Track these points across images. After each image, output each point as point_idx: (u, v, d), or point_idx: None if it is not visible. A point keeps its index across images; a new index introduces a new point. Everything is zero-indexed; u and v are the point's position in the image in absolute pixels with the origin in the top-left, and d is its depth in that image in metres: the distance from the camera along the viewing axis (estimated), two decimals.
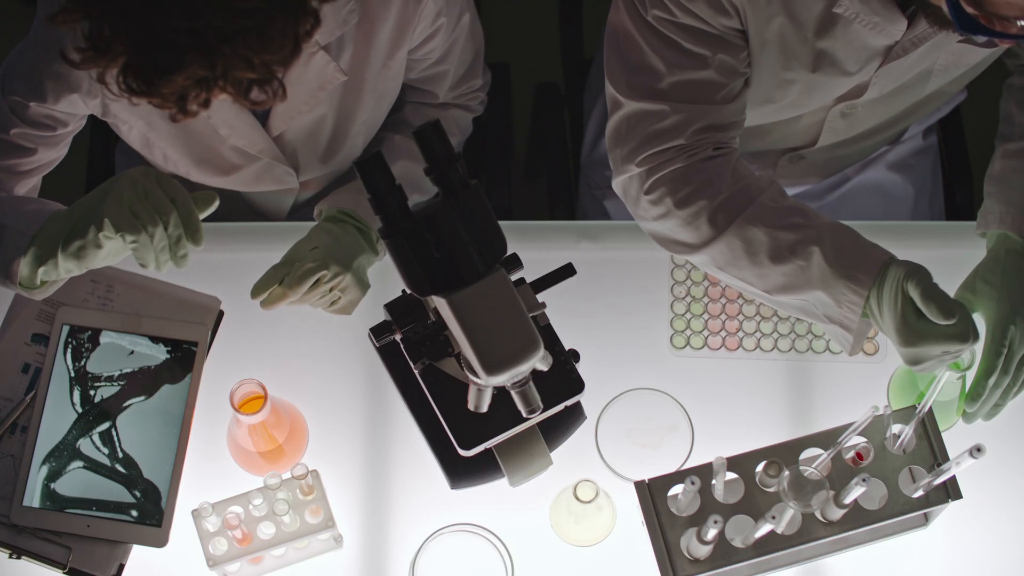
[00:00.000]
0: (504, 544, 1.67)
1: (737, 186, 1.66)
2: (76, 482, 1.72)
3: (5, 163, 1.69)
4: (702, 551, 1.53)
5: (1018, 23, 1.38)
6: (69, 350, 1.77)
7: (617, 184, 1.73)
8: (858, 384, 1.78)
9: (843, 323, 1.61)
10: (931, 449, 1.58)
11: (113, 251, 1.54)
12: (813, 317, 1.66)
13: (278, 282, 1.66)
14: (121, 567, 1.70)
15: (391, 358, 1.66)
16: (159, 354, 1.79)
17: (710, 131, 1.67)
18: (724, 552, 1.54)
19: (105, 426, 1.74)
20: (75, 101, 1.67)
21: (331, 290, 1.70)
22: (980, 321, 1.69)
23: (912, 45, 1.64)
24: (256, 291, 1.67)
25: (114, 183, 1.51)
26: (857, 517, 1.56)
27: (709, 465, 1.56)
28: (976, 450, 1.40)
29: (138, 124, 1.76)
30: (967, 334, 1.51)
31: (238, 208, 2.01)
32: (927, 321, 1.52)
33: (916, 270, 1.54)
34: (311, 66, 1.69)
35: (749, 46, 1.67)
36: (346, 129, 1.83)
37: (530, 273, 1.54)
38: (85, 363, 1.77)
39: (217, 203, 1.53)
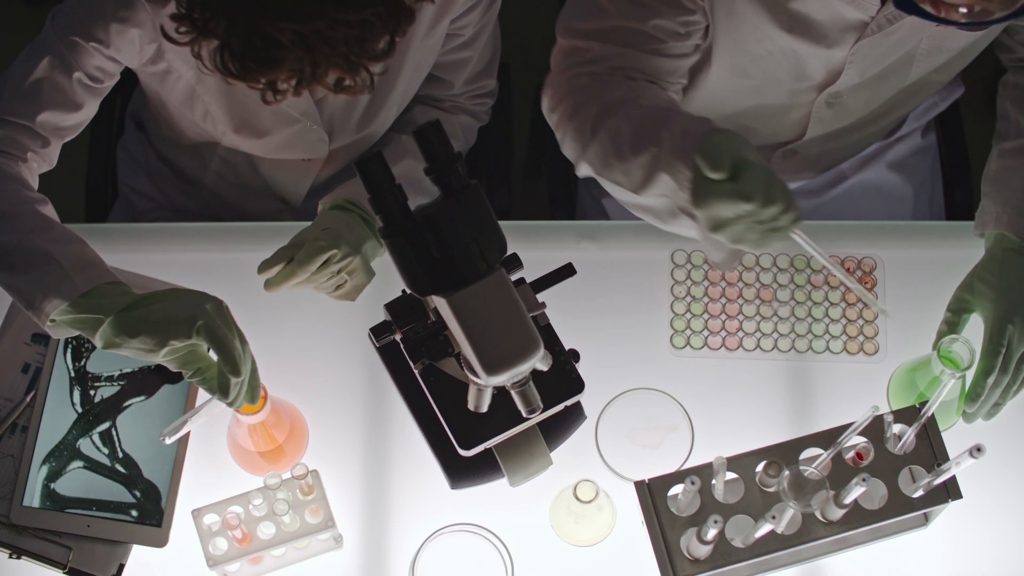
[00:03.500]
0: (504, 544, 1.67)
1: (629, 93, 1.68)
2: (76, 482, 1.72)
3: (56, 117, 1.66)
4: (702, 551, 1.53)
5: (959, 10, 1.38)
6: (69, 350, 1.77)
7: (544, 107, 1.77)
8: (858, 384, 1.78)
9: (687, 209, 1.56)
10: (931, 449, 1.58)
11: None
12: (679, 222, 1.61)
13: (286, 261, 1.66)
14: (121, 567, 1.70)
15: (391, 358, 1.66)
16: None
17: (633, 72, 1.71)
18: (724, 552, 1.54)
19: (105, 426, 1.74)
20: (133, 42, 1.65)
21: (339, 272, 1.69)
22: (978, 321, 1.69)
23: (887, 22, 1.64)
24: (263, 268, 1.66)
25: (197, 304, 1.50)
26: (857, 517, 1.56)
27: (709, 465, 1.56)
28: (976, 450, 1.40)
29: (188, 74, 1.75)
30: (751, 192, 1.45)
31: (256, 189, 2.01)
32: (710, 179, 1.49)
33: (721, 132, 1.51)
34: None
35: (713, 18, 1.69)
36: (384, 96, 1.84)
37: (530, 273, 1.54)
38: (85, 363, 1.77)
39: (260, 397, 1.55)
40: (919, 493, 1.56)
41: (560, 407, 1.58)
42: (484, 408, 1.51)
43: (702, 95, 1.92)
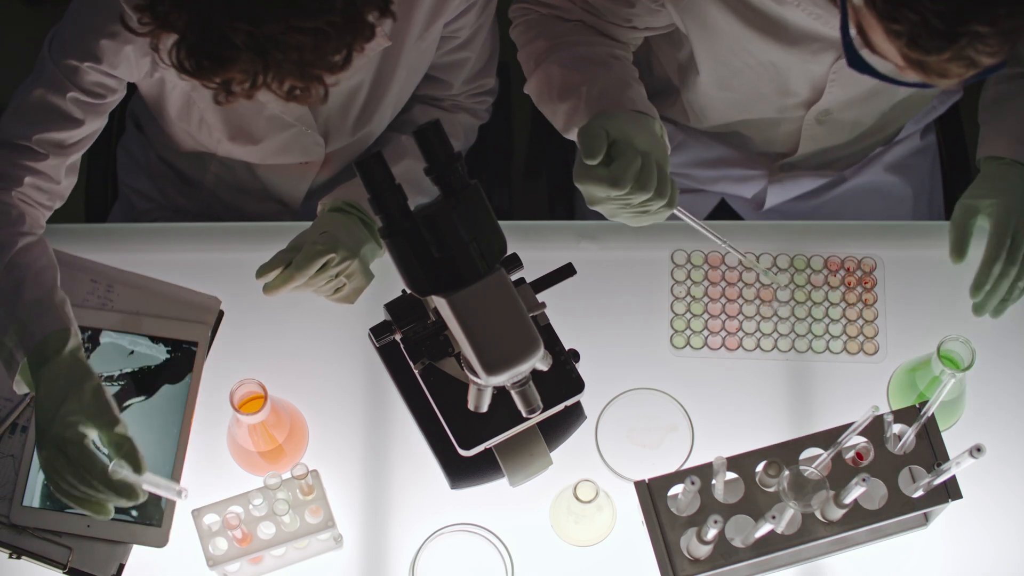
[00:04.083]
0: (504, 544, 1.67)
1: (570, 37, 1.74)
2: None
3: (55, 136, 1.69)
4: (702, 551, 1.53)
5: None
6: None
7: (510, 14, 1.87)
8: (858, 384, 1.78)
9: None
10: (931, 449, 1.58)
11: None
12: None
13: (284, 265, 1.66)
14: (121, 567, 1.70)
15: (391, 358, 1.66)
16: (159, 354, 1.79)
17: (578, 23, 1.77)
18: (724, 552, 1.54)
19: None
20: (128, 58, 1.66)
21: (337, 275, 1.70)
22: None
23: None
24: (261, 272, 1.67)
25: (50, 445, 1.55)
26: (857, 517, 1.56)
27: (709, 465, 1.56)
28: (976, 450, 1.40)
29: (182, 84, 1.76)
30: (621, 180, 1.51)
31: (255, 191, 2.01)
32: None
33: (609, 115, 1.57)
34: None
35: (687, 29, 1.74)
36: (379, 98, 1.84)
37: (530, 273, 1.54)
38: None
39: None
40: (919, 493, 1.56)
41: (560, 407, 1.58)
42: (484, 408, 1.51)
43: (694, 101, 1.93)
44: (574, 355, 1.61)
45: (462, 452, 1.57)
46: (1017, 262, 1.71)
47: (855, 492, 1.45)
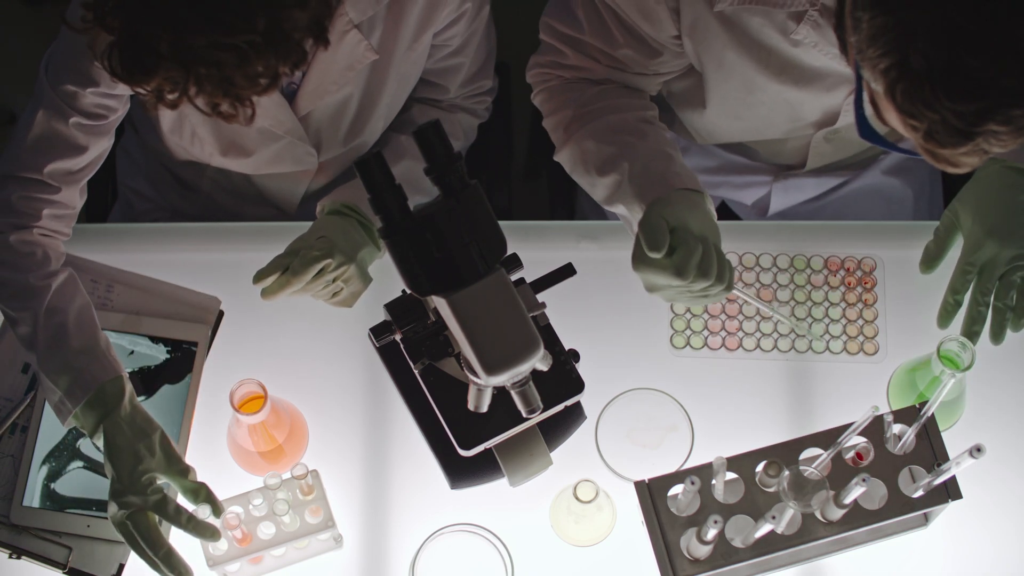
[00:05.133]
0: (504, 544, 1.67)
1: (598, 102, 1.73)
2: (76, 482, 1.72)
3: (64, 164, 1.70)
4: (702, 551, 1.53)
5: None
6: None
7: (528, 79, 1.86)
8: (858, 384, 1.78)
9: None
10: (931, 449, 1.58)
11: None
12: None
13: (282, 270, 1.66)
14: (121, 567, 1.70)
15: (391, 358, 1.66)
16: (159, 354, 1.79)
17: (605, 81, 1.76)
18: (724, 552, 1.54)
19: None
20: None
21: (334, 280, 1.70)
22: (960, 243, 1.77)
23: None
24: (259, 277, 1.67)
25: (113, 510, 1.61)
26: (857, 517, 1.56)
27: (709, 465, 1.56)
28: (976, 450, 1.40)
29: None
30: (684, 270, 1.51)
31: (251, 196, 2.01)
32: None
33: (664, 200, 1.57)
34: (343, 45, 1.70)
35: (702, 67, 1.73)
36: (370, 110, 1.84)
37: (530, 273, 1.54)
38: None
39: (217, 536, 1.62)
40: (919, 493, 1.56)
41: (560, 407, 1.58)
42: (484, 408, 1.51)
43: (698, 124, 1.93)
44: (574, 355, 1.60)
45: (462, 452, 1.57)
46: (991, 290, 1.71)
47: (855, 492, 1.45)
